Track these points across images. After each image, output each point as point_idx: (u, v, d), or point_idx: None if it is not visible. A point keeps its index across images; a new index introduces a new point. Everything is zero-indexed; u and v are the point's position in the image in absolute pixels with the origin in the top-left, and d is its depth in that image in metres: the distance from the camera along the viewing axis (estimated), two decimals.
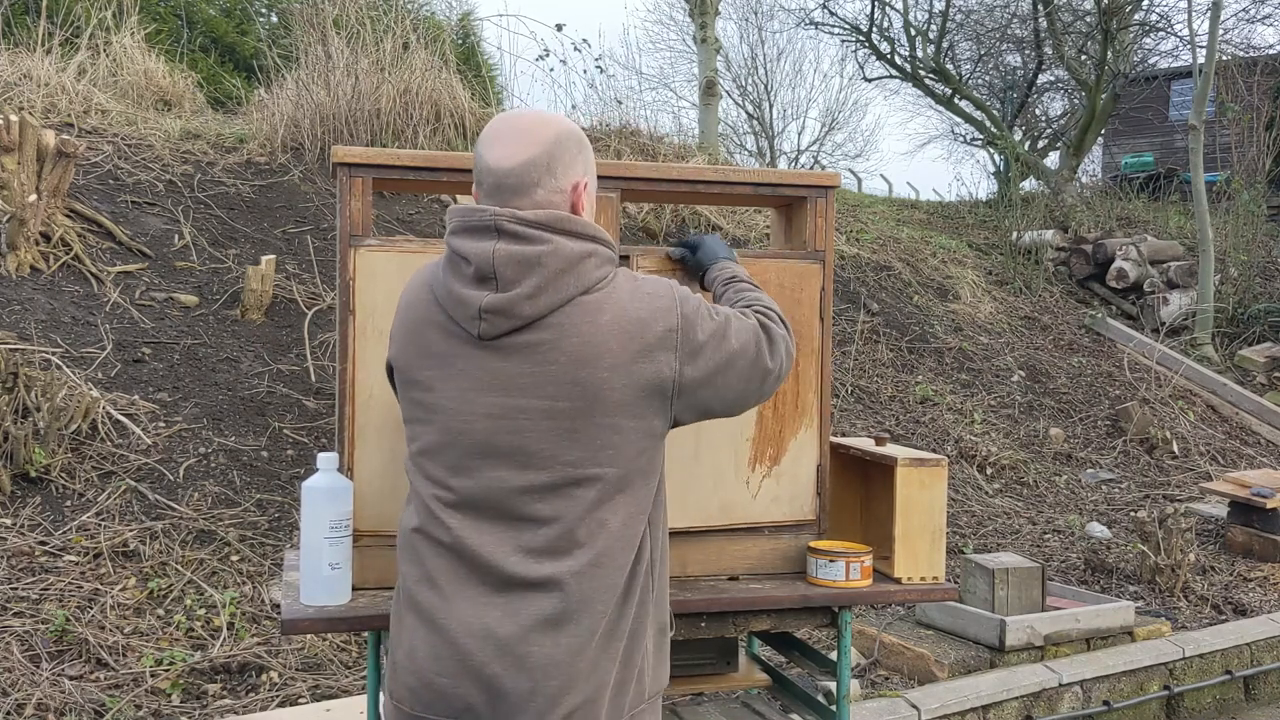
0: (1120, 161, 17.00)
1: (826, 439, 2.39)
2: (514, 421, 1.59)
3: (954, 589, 2.49)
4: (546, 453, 1.58)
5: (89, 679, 3.28)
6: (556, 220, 1.60)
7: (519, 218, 1.59)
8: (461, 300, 1.60)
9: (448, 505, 1.62)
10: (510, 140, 1.64)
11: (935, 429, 6.73)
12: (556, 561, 1.57)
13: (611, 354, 1.58)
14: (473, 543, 1.59)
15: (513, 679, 1.54)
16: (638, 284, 1.65)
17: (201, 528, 3.98)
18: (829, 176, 2.41)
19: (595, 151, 7.49)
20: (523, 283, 1.57)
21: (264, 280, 5.20)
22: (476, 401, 1.60)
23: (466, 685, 1.56)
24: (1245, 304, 10.04)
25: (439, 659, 1.58)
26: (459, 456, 1.61)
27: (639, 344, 1.60)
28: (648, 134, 8.63)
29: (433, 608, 1.60)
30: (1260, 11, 17.77)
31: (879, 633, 4.25)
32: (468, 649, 1.56)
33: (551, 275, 1.57)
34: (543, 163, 1.63)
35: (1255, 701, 4.70)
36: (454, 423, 1.61)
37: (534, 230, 1.58)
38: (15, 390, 3.99)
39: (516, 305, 1.57)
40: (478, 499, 1.60)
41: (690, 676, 2.47)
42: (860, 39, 16.82)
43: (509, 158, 1.63)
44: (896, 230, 10.02)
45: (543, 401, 1.58)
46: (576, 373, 1.57)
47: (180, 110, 7.34)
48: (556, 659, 1.54)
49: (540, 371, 1.58)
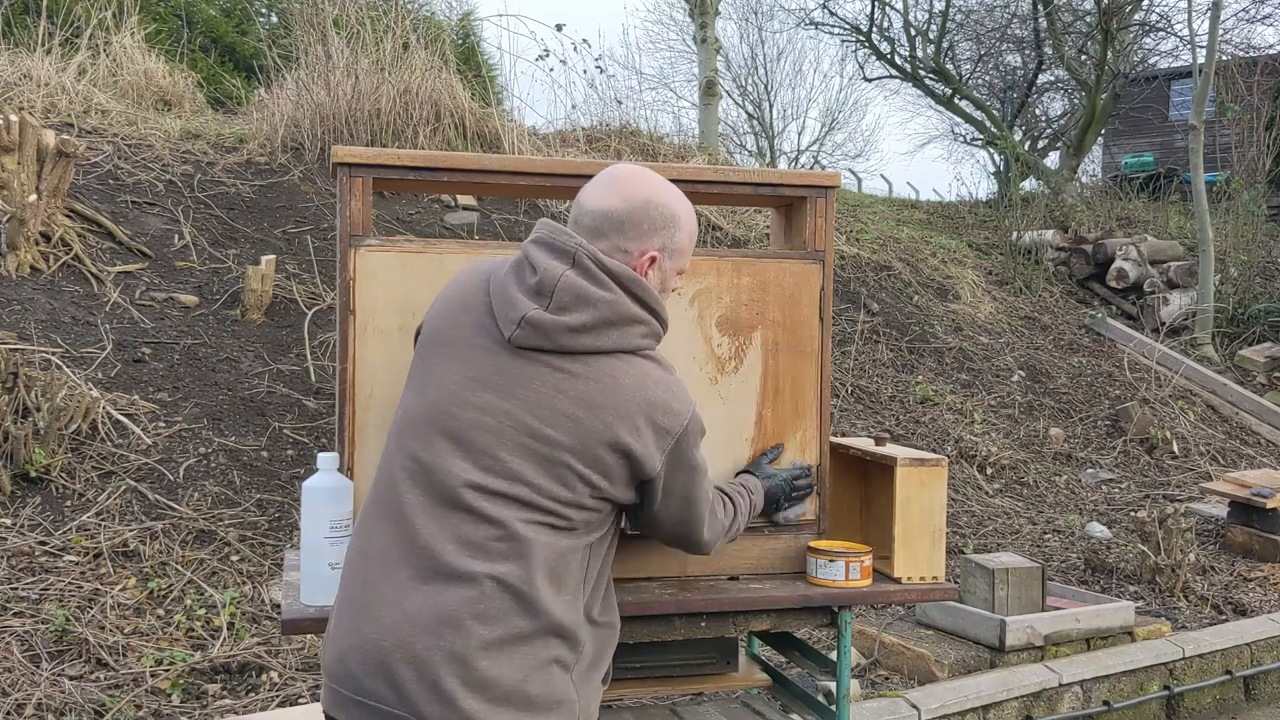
0: (1120, 161, 17.00)
1: (826, 439, 2.39)
2: (498, 424, 1.62)
3: (954, 589, 2.49)
4: (512, 466, 1.61)
5: (89, 679, 3.28)
6: (629, 278, 1.66)
7: (597, 258, 1.65)
8: (511, 302, 1.65)
9: (410, 475, 1.65)
10: (605, 185, 1.73)
11: (935, 429, 6.73)
12: (488, 562, 1.58)
13: (615, 413, 1.63)
14: (418, 521, 1.62)
15: (416, 672, 1.55)
16: (670, 378, 1.71)
17: (201, 528, 3.98)
18: (829, 176, 2.41)
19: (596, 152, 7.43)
20: (572, 313, 1.62)
21: (264, 280, 5.20)
22: (475, 394, 1.64)
23: (375, 665, 1.58)
24: (1245, 304, 10.04)
25: (355, 641, 1.61)
26: (434, 434, 1.65)
27: (643, 419, 1.65)
28: (648, 134, 8.64)
29: (361, 587, 1.64)
30: (1260, 11, 17.75)
31: (879, 633, 4.25)
32: (380, 635, 1.58)
33: (600, 321, 1.63)
34: (618, 219, 1.69)
35: (1255, 701, 4.70)
36: (444, 403, 1.65)
37: (605, 275, 1.65)
38: (15, 390, 3.99)
39: (556, 330, 1.62)
40: (437, 479, 1.63)
41: (690, 676, 2.47)
42: (860, 39, 16.83)
43: (594, 200, 1.71)
44: (896, 230, 10.02)
45: (532, 421, 1.62)
46: (577, 411, 1.62)
47: (180, 110, 7.34)
48: (463, 658, 1.55)
49: (545, 394, 1.62)
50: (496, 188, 2.44)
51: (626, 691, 2.44)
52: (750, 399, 2.31)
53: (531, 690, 1.59)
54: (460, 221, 6.58)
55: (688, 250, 1.79)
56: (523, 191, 2.33)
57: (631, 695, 2.49)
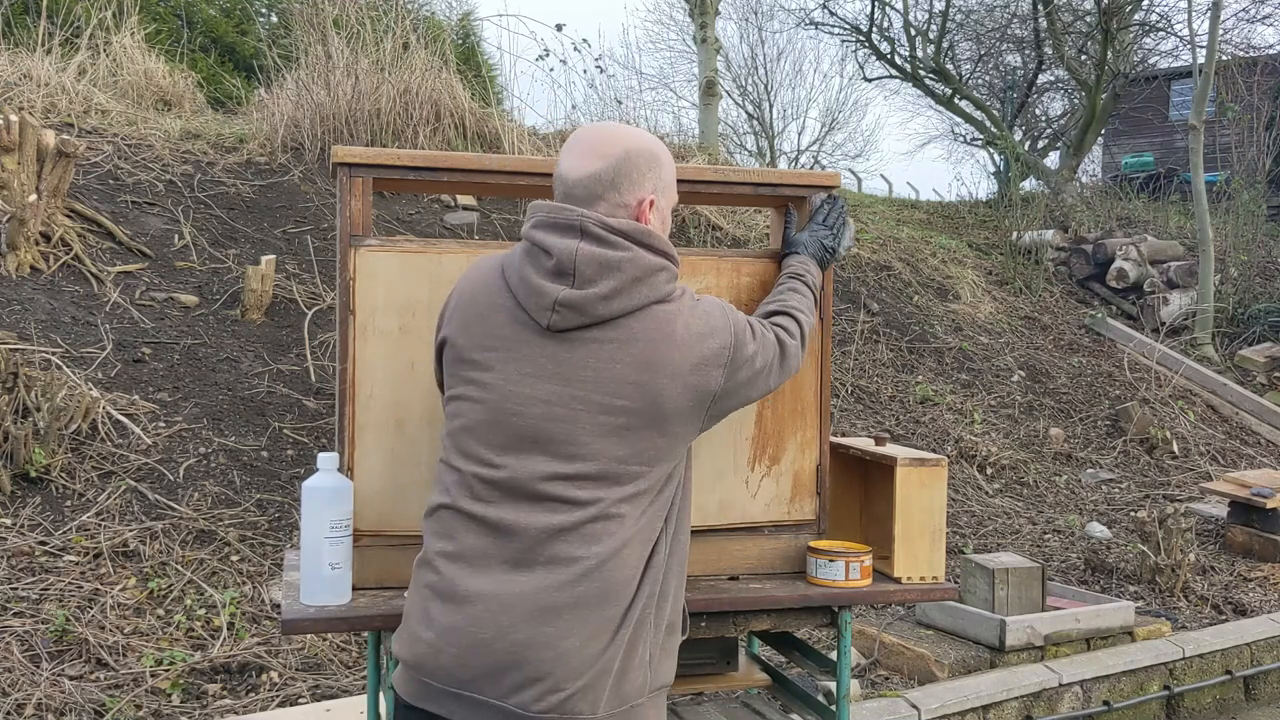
0: (1120, 161, 17.01)
1: (826, 439, 2.39)
2: (569, 410, 1.65)
3: (954, 589, 2.49)
4: (594, 446, 1.64)
5: (89, 679, 3.28)
6: (638, 232, 1.69)
7: (604, 223, 1.67)
8: (537, 290, 1.66)
9: (486, 482, 1.66)
10: (581, 152, 1.73)
11: (935, 429, 6.73)
12: (582, 545, 1.62)
13: (673, 364, 1.66)
14: (508, 520, 1.63)
15: (520, 657, 1.58)
16: (696, 302, 1.75)
17: (201, 528, 3.98)
18: (829, 176, 2.41)
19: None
20: (600, 283, 1.64)
21: (264, 280, 5.20)
22: (536, 387, 1.66)
23: (475, 657, 1.60)
24: (1245, 304, 10.04)
25: (454, 629, 1.62)
26: (506, 437, 1.66)
27: (697, 357, 1.69)
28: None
29: (454, 579, 1.64)
30: (1260, 11, 17.76)
31: (879, 633, 4.25)
32: (482, 622, 1.60)
33: (628, 281, 1.65)
34: (607, 178, 1.71)
35: (1255, 701, 4.70)
36: (508, 404, 1.67)
37: (616, 236, 1.66)
38: (15, 390, 3.99)
39: (591, 304, 1.64)
40: (517, 480, 1.65)
41: (690, 676, 2.47)
42: (860, 39, 16.82)
43: (575, 168, 1.72)
44: (896, 230, 10.02)
45: (601, 396, 1.64)
46: (639, 375, 1.65)
47: (180, 110, 7.34)
48: (565, 642, 1.58)
49: (604, 368, 1.65)
50: (496, 188, 2.44)
51: None
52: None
53: (631, 676, 1.63)
54: (460, 221, 6.58)
55: (674, 182, 1.82)
56: (523, 191, 2.32)
57: None
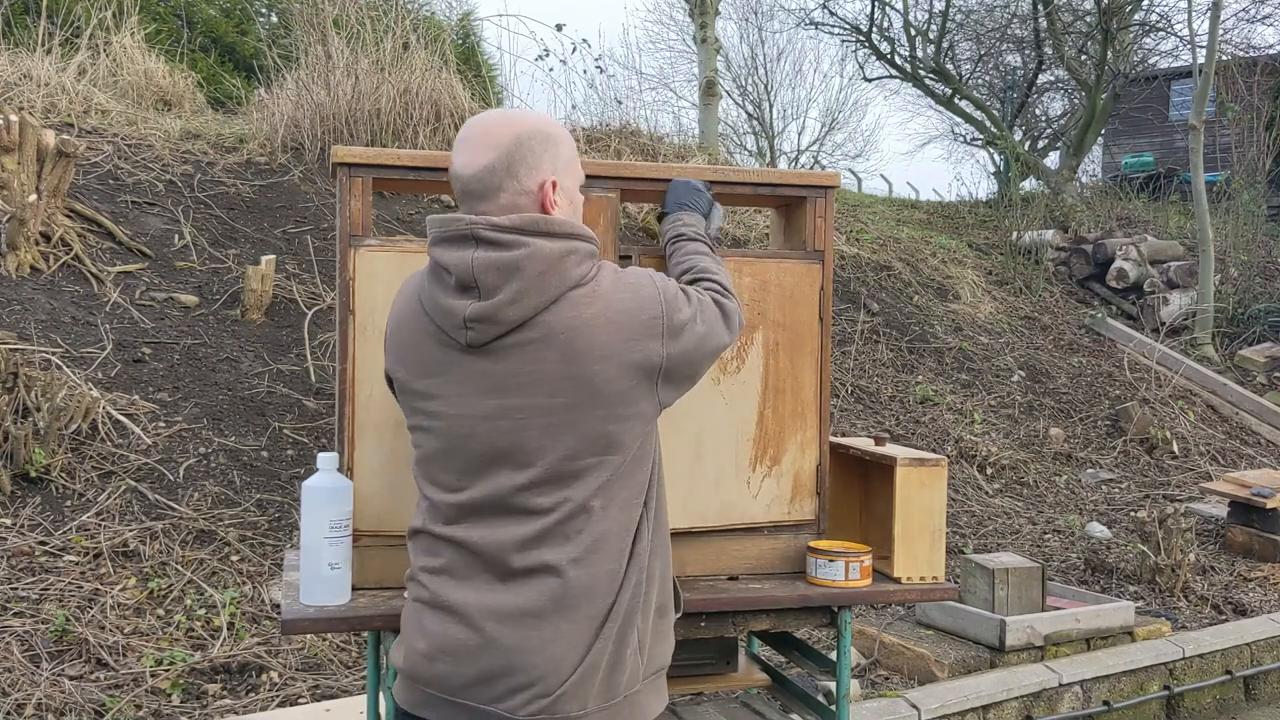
0: (1120, 161, 17.00)
1: (826, 439, 2.39)
2: (513, 421, 1.62)
3: (954, 589, 2.49)
4: (545, 448, 1.61)
5: (89, 679, 3.28)
6: (532, 223, 1.62)
7: (494, 224, 1.61)
8: (447, 311, 1.63)
9: (454, 506, 1.66)
10: (472, 145, 1.66)
11: (935, 429, 6.73)
12: (554, 550, 1.61)
13: (601, 345, 1.61)
14: (478, 538, 1.63)
15: (509, 663, 1.59)
16: (619, 276, 1.68)
17: (201, 528, 3.98)
18: (829, 176, 2.41)
19: (596, 152, 7.44)
20: (504, 289, 1.59)
21: (264, 280, 5.20)
22: (475, 406, 1.63)
23: (467, 665, 1.61)
24: (1245, 304, 10.04)
25: (445, 638, 1.63)
26: (463, 461, 1.65)
27: (627, 333, 1.63)
28: (648, 134, 8.63)
29: (441, 592, 1.65)
30: (1260, 11, 17.75)
31: (879, 633, 4.25)
32: (471, 631, 1.61)
33: (532, 278, 1.60)
34: (502, 166, 1.64)
35: (1255, 701, 4.70)
36: (456, 428, 1.65)
37: (510, 235, 1.60)
38: (15, 390, 3.99)
39: (500, 311, 1.60)
40: (482, 500, 1.64)
41: (690, 676, 2.47)
42: (860, 39, 16.82)
43: (470, 164, 1.65)
44: (896, 230, 10.02)
45: (539, 399, 1.61)
46: (569, 368, 1.60)
47: (180, 110, 7.34)
48: (553, 645, 1.59)
49: (534, 370, 1.61)
50: None
51: None
52: (751, 399, 2.31)
53: (621, 667, 1.63)
54: None
55: (575, 160, 1.74)
56: None
57: None
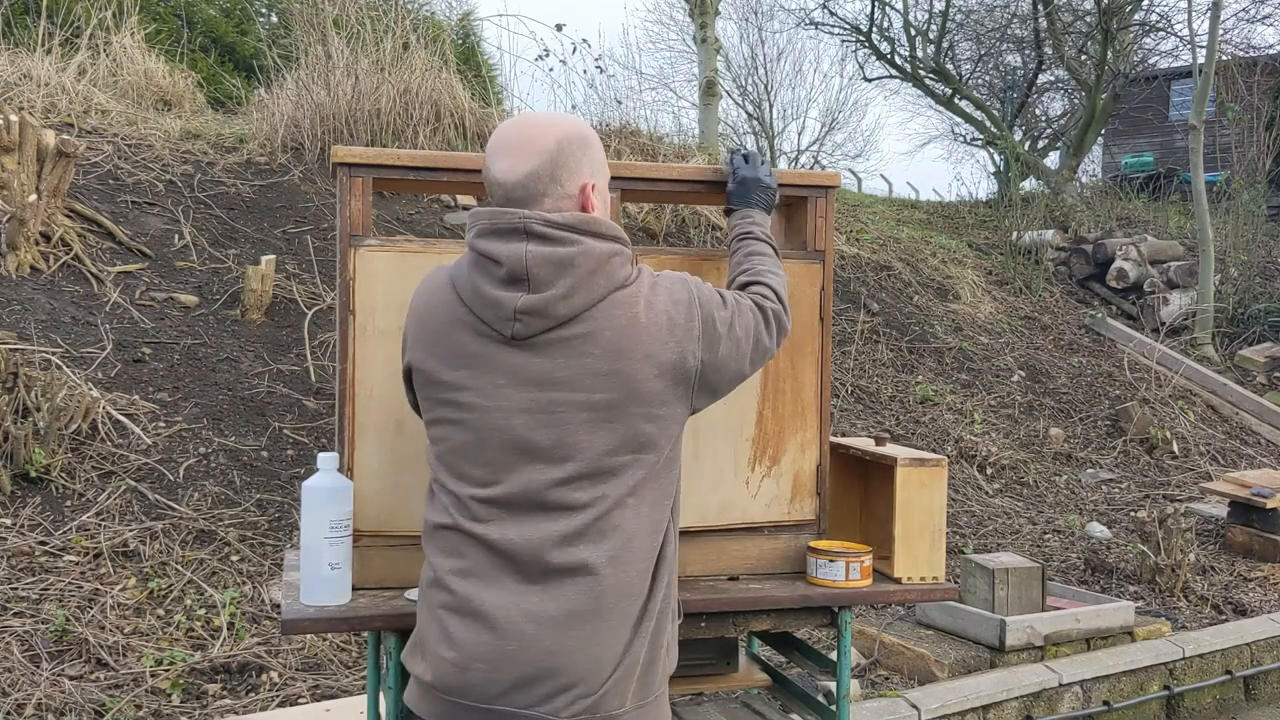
0: (1120, 161, 17.00)
1: (826, 439, 2.39)
2: (552, 416, 1.62)
3: (954, 589, 2.49)
4: (584, 444, 1.62)
5: (89, 679, 3.28)
6: (583, 222, 1.65)
7: (547, 220, 1.63)
8: (494, 302, 1.63)
9: (483, 502, 1.64)
10: (513, 152, 1.67)
11: (935, 429, 6.73)
12: (592, 547, 1.61)
13: (644, 346, 1.64)
14: (510, 535, 1.62)
15: (549, 665, 1.58)
16: (658, 279, 1.72)
17: (201, 528, 3.98)
18: (829, 176, 2.41)
19: None
20: (557, 283, 1.61)
21: (264, 280, 5.20)
22: (513, 399, 1.63)
23: (504, 671, 1.58)
24: (1245, 304, 10.04)
25: (478, 645, 1.60)
26: (495, 454, 1.64)
27: (667, 335, 1.66)
28: (648, 134, 8.63)
29: (470, 596, 1.62)
30: (1260, 11, 17.75)
31: (879, 633, 4.25)
32: (507, 635, 1.59)
33: (584, 276, 1.62)
34: (546, 173, 1.66)
35: (1255, 701, 4.70)
36: (490, 420, 1.64)
37: (563, 232, 1.62)
38: (15, 390, 3.99)
39: (552, 305, 1.61)
40: (515, 495, 1.63)
41: (690, 676, 2.47)
42: (860, 39, 16.82)
43: (512, 171, 1.66)
44: (896, 230, 10.02)
45: (579, 394, 1.62)
46: (612, 365, 1.62)
47: (180, 110, 7.34)
48: (593, 645, 1.59)
49: (576, 365, 1.62)
50: None
51: None
52: (750, 398, 2.31)
53: (655, 666, 1.65)
54: (460, 221, 6.57)
55: (604, 160, 1.77)
56: None
57: None
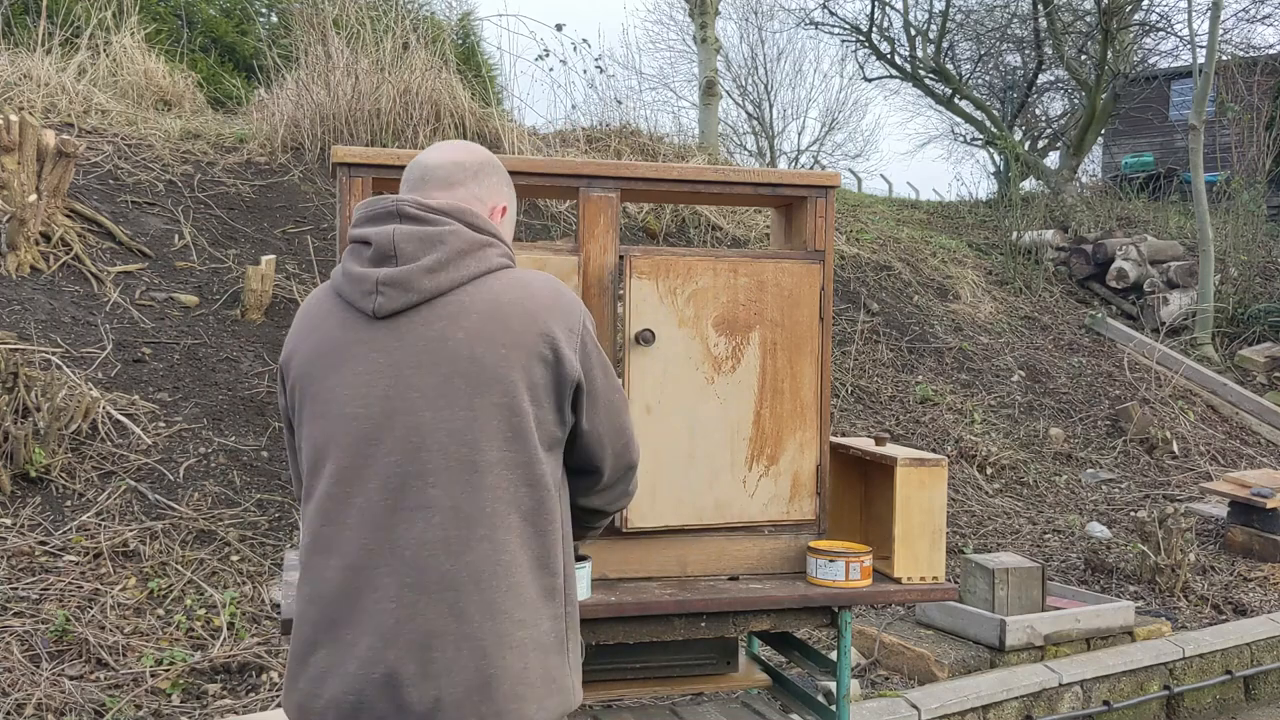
0: (1120, 161, 17.01)
1: (826, 439, 2.39)
2: (408, 401, 1.53)
3: (954, 589, 2.49)
4: (442, 433, 1.52)
5: (89, 679, 3.28)
6: (459, 210, 1.62)
7: (421, 204, 1.60)
8: (359, 278, 1.58)
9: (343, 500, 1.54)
10: (447, 148, 1.73)
11: (935, 429, 6.73)
12: (454, 557, 1.50)
13: (512, 333, 1.55)
14: (370, 541, 1.52)
15: (417, 688, 1.48)
16: (546, 276, 1.64)
17: (201, 528, 3.98)
18: (829, 176, 2.41)
19: (596, 151, 7.47)
20: (422, 257, 1.56)
21: (264, 280, 5.20)
22: (373, 384, 1.55)
23: (371, 696, 1.49)
24: (1245, 304, 10.05)
25: (344, 676, 1.51)
26: (355, 443, 1.54)
27: (541, 327, 1.56)
28: (648, 134, 8.63)
29: (333, 621, 1.54)
30: (1260, 11, 17.78)
31: (879, 633, 4.25)
32: (369, 661, 1.50)
33: (452, 254, 1.57)
34: (471, 168, 1.69)
35: (1255, 701, 4.70)
36: (348, 408, 1.55)
37: (435, 215, 1.60)
38: (15, 390, 3.99)
39: (414, 277, 1.55)
40: (373, 487, 1.53)
41: (690, 676, 2.48)
42: (860, 39, 16.84)
43: (441, 157, 1.70)
44: (896, 230, 10.02)
45: (439, 380, 1.53)
46: (474, 349, 1.53)
47: (180, 110, 7.34)
48: (459, 663, 1.49)
49: (437, 349, 1.54)
50: None
51: (627, 691, 2.45)
52: (747, 398, 2.31)
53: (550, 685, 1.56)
54: None
55: (514, 220, 1.78)
56: (523, 192, 2.33)
57: (631, 695, 2.49)
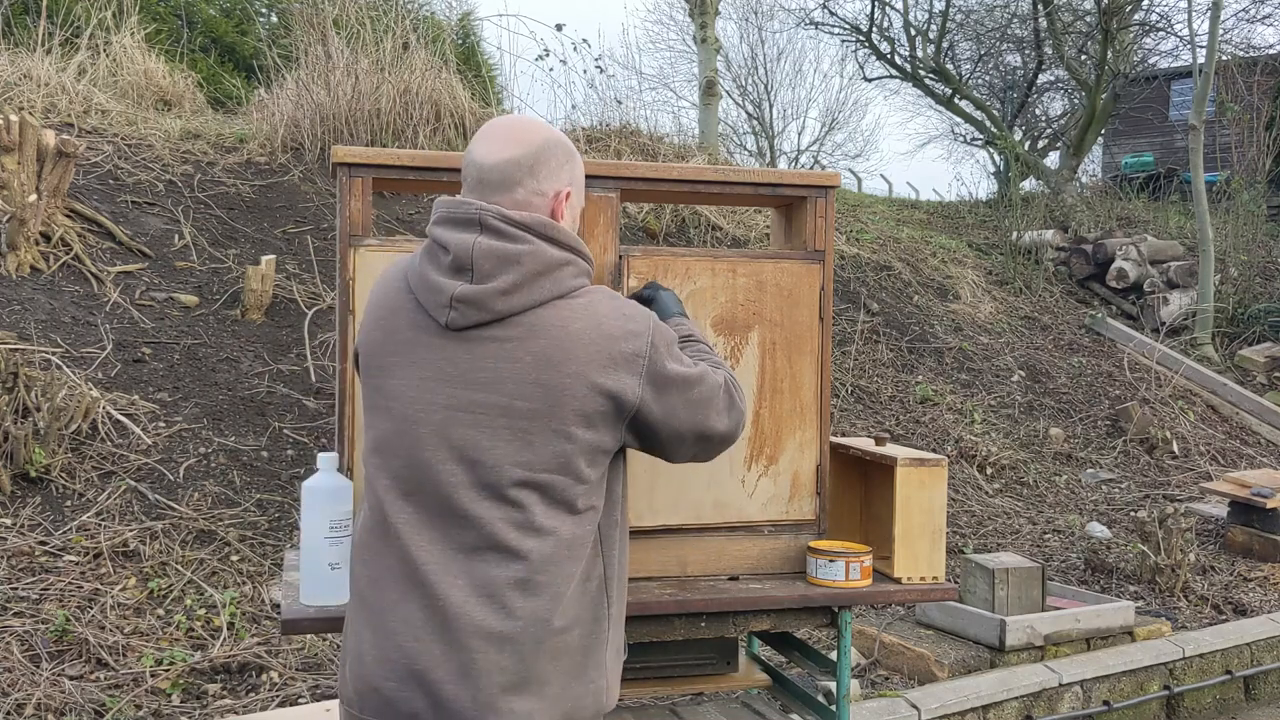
0: (1120, 161, 17.01)
1: (826, 439, 2.39)
2: (470, 415, 1.57)
3: (954, 589, 2.49)
4: (498, 451, 1.55)
5: (89, 679, 3.28)
6: (540, 224, 1.60)
7: (504, 215, 1.59)
8: (435, 288, 1.59)
9: (399, 496, 1.59)
10: (498, 138, 1.66)
11: (935, 429, 6.73)
12: (499, 566, 1.54)
13: (577, 360, 1.56)
14: (418, 541, 1.57)
15: (455, 687, 1.51)
16: (618, 303, 1.65)
17: (201, 528, 3.98)
18: (829, 176, 2.41)
19: (595, 151, 7.47)
20: (498, 277, 1.56)
21: (264, 280, 5.20)
22: (436, 391, 1.58)
23: (411, 690, 1.54)
24: (1245, 304, 10.05)
25: (386, 663, 1.56)
26: (412, 445, 1.58)
27: (605, 357, 1.58)
28: (648, 134, 8.63)
29: (381, 610, 1.58)
30: (1260, 11, 17.77)
31: (879, 633, 4.25)
32: (413, 654, 1.54)
33: (528, 275, 1.57)
34: (526, 164, 1.64)
35: (1255, 701, 4.70)
36: (410, 410, 1.59)
37: (517, 230, 1.58)
38: (15, 390, 3.99)
39: (489, 299, 1.56)
40: (425, 492, 1.58)
41: (690, 676, 2.47)
42: (860, 39, 16.84)
43: (493, 154, 1.64)
44: (896, 230, 10.02)
45: (501, 399, 1.56)
46: (540, 374, 1.56)
47: (180, 110, 7.34)
48: (500, 666, 1.52)
49: (503, 368, 1.56)
50: None
51: (626, 691, 2.44)
52: (747, 397, 2.31)
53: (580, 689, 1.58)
54: None
55: (583, 183, 1.76)
56: None
57: (631, 695, 2.49)
